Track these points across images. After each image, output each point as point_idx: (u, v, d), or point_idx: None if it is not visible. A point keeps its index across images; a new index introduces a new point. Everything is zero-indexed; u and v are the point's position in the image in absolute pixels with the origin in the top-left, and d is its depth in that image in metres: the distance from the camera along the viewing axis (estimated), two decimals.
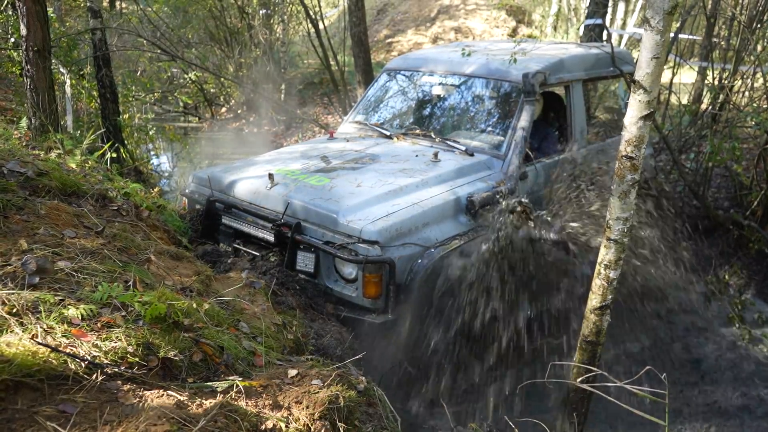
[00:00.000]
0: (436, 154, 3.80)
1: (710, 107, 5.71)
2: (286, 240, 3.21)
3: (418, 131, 4.26)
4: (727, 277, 4.80)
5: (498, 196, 3.44)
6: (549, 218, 3.41)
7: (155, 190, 5.36)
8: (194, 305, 2.19)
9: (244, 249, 3.42)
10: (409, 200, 3.30)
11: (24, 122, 4.74)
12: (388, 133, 4.30)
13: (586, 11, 7.35)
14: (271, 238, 3.28)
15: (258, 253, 3.35)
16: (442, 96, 4.47)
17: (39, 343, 1.69)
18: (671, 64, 6.64)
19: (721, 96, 5.57)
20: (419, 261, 3.09)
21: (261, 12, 11.34)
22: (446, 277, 3.08)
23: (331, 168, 3.68)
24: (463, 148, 3.90)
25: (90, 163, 4.12)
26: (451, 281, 3.08)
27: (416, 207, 3.25)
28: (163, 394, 1.75)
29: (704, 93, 6.43)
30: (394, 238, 3.06)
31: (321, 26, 8.90)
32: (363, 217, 3.10)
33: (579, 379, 2.57)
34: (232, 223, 3.48)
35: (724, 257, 4.99)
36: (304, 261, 3.22)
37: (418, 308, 3.03)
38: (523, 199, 3.30)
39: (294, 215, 3.26)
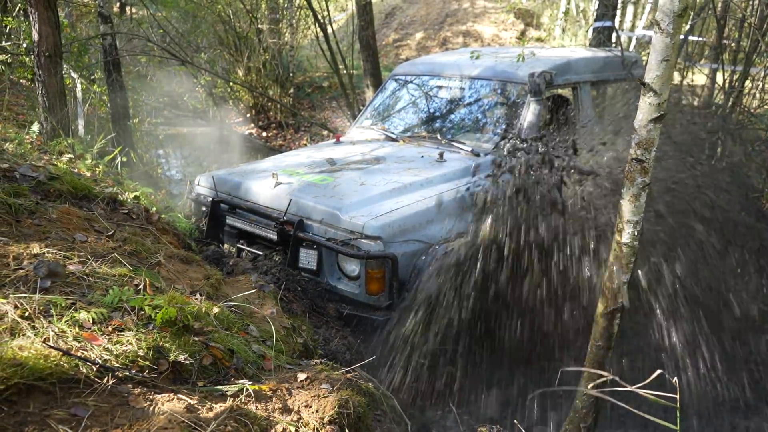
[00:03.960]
0: (441, 155, 3.80)
1: (720, 109, 5.66)
2: (288, 238, 3.22)
3: (424, 134, 4.27)
4: None
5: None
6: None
7: (161, 192, 5.39)
8: (204, 309, 2.20)
9: (248, 249, 3.42)
10: (413, 198, 3.30)
11: (35, 127, 4.79)
12: (394, 137, 4.31)
13: (595, 14, 7.32)
14: (273, 236, 3.28)
15: (261, 253, 3.35)
16: (448, 99, 4.47)
17: (51, 347, 1.70)
18: (681, 66, 6.59)
19: (731, 98, 5.52)
20: (423, 258, 3.07)
21: (270, 17, 11.38)
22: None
23: (335, 168, 3.69)
24: (469, 149, 3.90)
25: (101, 167, 4.15)
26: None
27: (420, 204, 3.25)
28: (173, 398, 1.76)
29: (714, 95, 6.38)
30: (397, 234, 3.05)
31: (329, 30, 8.92)
32: (366, 213, 3.10)
33: (590, 385, 2.54)
34: (236, 223, 3.49)
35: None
36: (307, 258, 3.21)
37: (423, 304, 2.96)
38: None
39: (296, 213, 3.27)
